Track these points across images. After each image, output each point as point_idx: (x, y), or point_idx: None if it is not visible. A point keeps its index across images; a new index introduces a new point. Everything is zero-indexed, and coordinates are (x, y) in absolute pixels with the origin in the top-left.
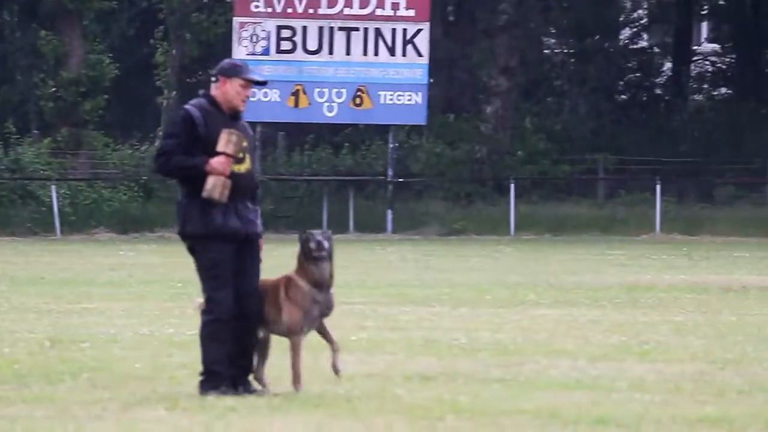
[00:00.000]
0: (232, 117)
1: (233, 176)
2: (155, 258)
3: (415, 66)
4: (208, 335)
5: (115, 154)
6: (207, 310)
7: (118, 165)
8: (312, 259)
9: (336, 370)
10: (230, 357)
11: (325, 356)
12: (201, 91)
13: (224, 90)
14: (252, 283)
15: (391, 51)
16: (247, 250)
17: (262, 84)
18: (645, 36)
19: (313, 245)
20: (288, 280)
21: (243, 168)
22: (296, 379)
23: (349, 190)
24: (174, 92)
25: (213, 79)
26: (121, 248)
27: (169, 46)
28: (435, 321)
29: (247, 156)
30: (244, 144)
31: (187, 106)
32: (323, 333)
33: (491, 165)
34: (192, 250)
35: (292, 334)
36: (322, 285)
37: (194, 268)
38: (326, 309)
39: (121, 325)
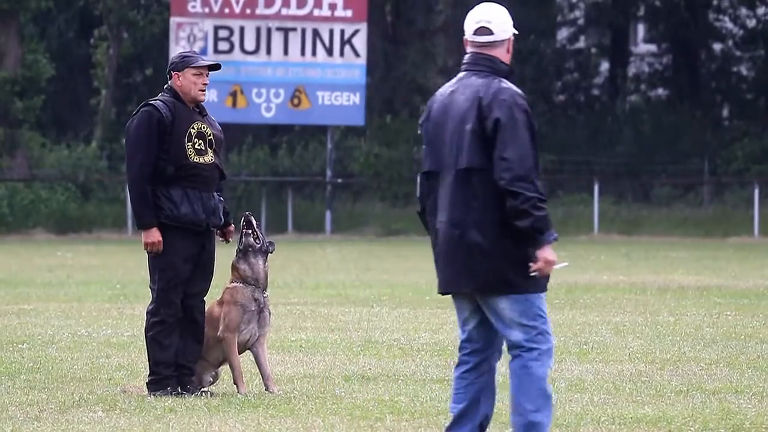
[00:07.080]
0: (199, 111)
1: (197, 167)
2: (93, 259)
3: (352, 66)
4: (154, 337)
5: (52, 154)
6: (154, 311)
7: (55, 165)
8: (240, 250)
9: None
10: (176, 357)
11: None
12: (166, 86)
13: (180, 85)
14: (204, 279)
15: (329, 51)
16: (206, 243)
17: (215, 68)
18: (582, 37)
19: (242, 224)
20: (223, 292)
21: (206, 159)
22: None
23: (287, 190)
24: (106, 91)
25: (168, 78)
26: (59, 249)
27: (107, 46)
28: (374, 321)
29: (210, 150)
30: (210, 136)
31: (152, 101)
32: (259, 361)
33: None
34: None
35: (227, 331)
36: (257, 282)
37: (146, 265)
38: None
39: (59, 326)
